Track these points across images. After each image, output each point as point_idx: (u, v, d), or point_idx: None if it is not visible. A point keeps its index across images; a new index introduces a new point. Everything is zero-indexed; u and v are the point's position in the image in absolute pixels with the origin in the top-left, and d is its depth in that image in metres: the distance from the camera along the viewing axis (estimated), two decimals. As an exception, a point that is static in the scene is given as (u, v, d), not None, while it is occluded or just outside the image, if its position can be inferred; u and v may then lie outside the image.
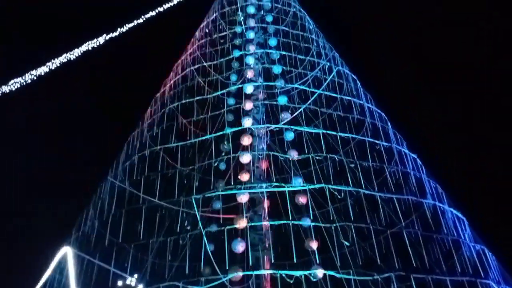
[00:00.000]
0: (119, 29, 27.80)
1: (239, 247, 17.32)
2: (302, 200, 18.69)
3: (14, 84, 26.21)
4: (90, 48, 26.91)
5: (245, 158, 20.35)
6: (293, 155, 20.12)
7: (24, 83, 26.30)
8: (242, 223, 18.08)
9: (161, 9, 28.77)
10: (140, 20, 28.24)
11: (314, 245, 17.94)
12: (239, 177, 19.88)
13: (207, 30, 25.65)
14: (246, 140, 20.77)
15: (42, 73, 26.56)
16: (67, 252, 17.28)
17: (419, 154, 20.49)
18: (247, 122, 21.70)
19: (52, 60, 26.22)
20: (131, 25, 28.04)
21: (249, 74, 23.45)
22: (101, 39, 27.41)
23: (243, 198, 18.79)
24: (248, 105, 22.56)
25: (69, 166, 37.43)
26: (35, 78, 25.77)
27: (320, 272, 16.58)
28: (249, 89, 22.76)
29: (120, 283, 17.32)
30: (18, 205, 35.47)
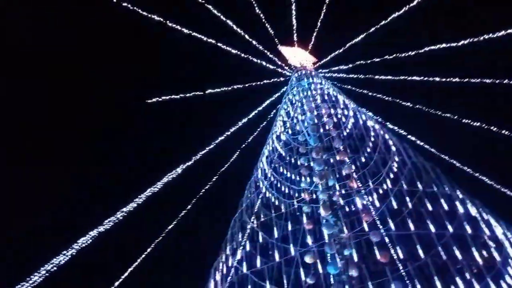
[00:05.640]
0: (193, 157, 30.36)
1: None
2: None
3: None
4: (170, 179, 29.26)
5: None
6: None
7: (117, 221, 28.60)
8: None
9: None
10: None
11: None
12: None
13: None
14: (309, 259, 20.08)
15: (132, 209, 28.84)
16: None
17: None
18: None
19: (139, 196, 28.64)
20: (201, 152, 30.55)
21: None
22: (178, 170, 29.90)
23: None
24: (326, 211, 22.19)
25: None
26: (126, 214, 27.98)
27: None
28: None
29: None
30: None
